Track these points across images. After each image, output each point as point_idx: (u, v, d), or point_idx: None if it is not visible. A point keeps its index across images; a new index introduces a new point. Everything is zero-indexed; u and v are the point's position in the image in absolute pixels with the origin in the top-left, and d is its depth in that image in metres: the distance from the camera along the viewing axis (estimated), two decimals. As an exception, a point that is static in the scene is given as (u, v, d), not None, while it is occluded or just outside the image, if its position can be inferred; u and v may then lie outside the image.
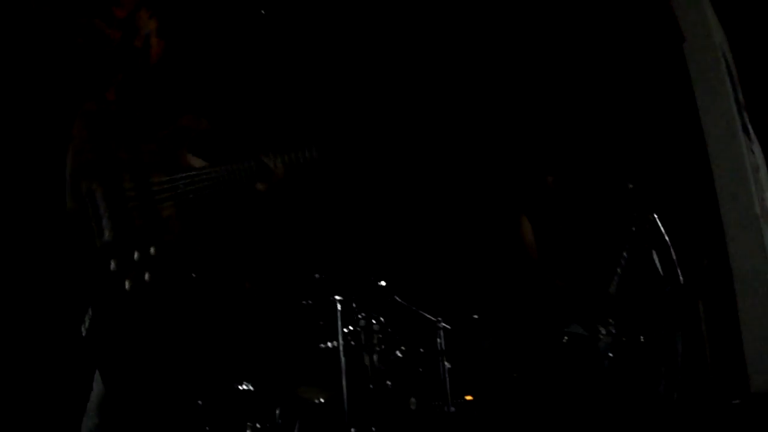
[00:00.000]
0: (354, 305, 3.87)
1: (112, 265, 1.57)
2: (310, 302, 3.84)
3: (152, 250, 1.68)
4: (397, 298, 4.06)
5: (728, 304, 4.07)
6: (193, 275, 3.52)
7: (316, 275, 3.85)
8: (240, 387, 3.38)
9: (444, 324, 4.01)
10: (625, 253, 3.47)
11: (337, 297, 3.62)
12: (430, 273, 4.87)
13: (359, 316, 3.85)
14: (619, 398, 3.47)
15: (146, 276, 1.66)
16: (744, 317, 3.98)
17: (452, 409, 3.72)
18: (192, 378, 3.34)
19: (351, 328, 3.79)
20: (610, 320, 3.46)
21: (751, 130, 5.26)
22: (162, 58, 1.98)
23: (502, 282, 4.46)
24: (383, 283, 4.02)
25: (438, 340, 3.97)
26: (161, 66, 1.98)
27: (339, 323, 3.56)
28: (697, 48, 5.01)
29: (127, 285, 1.60)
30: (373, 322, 3.86)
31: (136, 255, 1.64)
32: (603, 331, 3.50)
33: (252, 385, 3.40)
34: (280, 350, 3.79)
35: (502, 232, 3.94)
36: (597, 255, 3.61)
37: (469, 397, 4.11)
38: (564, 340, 3.53)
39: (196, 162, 1.92)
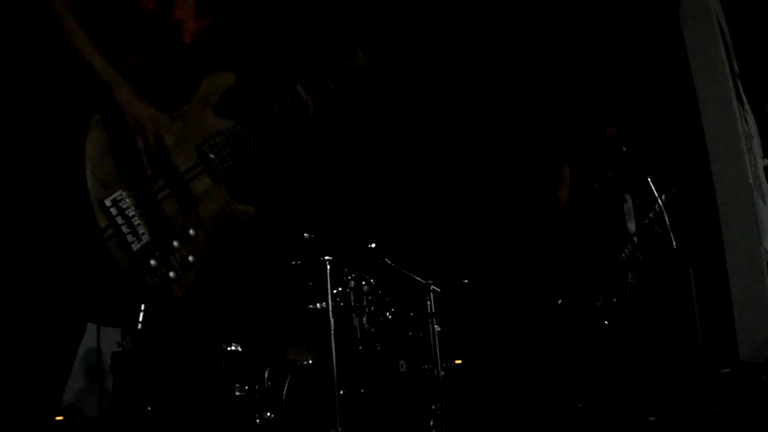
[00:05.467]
0: (344, 266, 3.80)
1: (152, 262, 1.54)
2: (299, 262, 3.77)
3: (191, 232, 1.63)
4: (388, 261, 4.00)
5: (719, 272, 4.08)
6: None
7: (306, 235, 3.77)
8: (229, 348, 3.32)
9: (434, 287, 3.97)
10: (646, 221, 3.43)
11: (327, 257, 3.54)
12: (421, 235, 4.82)
13: (349, 277, 3.80)
14: (609, 362, 3.47)
15: (190, 258, 1.63)
16: (735, 286, 4.00)
17: (441, 372, 3.70)
18: (184, 339, 3.28)
19: (340, 289, 3.74)
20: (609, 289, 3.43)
21: (744, 99, 5.23)
22: (200, 40, 1.82)
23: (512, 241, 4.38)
24: (373, 245, 3.96)
25: (428, 302, 3.93)
26: (197, 47, 1.82)
27: (328, 284, 3.49)
28: (693, 15, 4.96)
29: (171, 275, 1.58)
30: (363, 283, 3.81)
31: (175, 243, 1.61)
32: (598, 302, 3.48)
33: (241, 346, 3.35)
34: (269, 311, 3.72)
35: (542, 179, 3.77)
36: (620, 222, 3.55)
37: (458, 361, 4.11)
38: (558, 303, 3.50)
39: (223, 123, 1.76)
